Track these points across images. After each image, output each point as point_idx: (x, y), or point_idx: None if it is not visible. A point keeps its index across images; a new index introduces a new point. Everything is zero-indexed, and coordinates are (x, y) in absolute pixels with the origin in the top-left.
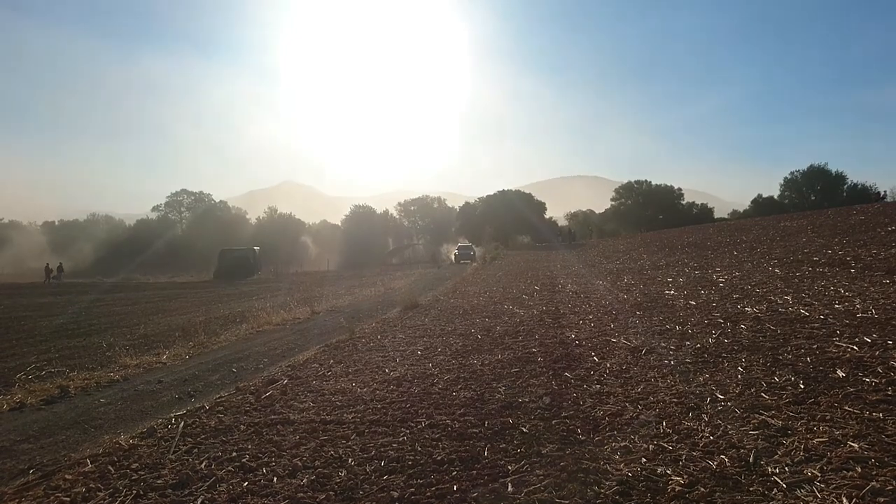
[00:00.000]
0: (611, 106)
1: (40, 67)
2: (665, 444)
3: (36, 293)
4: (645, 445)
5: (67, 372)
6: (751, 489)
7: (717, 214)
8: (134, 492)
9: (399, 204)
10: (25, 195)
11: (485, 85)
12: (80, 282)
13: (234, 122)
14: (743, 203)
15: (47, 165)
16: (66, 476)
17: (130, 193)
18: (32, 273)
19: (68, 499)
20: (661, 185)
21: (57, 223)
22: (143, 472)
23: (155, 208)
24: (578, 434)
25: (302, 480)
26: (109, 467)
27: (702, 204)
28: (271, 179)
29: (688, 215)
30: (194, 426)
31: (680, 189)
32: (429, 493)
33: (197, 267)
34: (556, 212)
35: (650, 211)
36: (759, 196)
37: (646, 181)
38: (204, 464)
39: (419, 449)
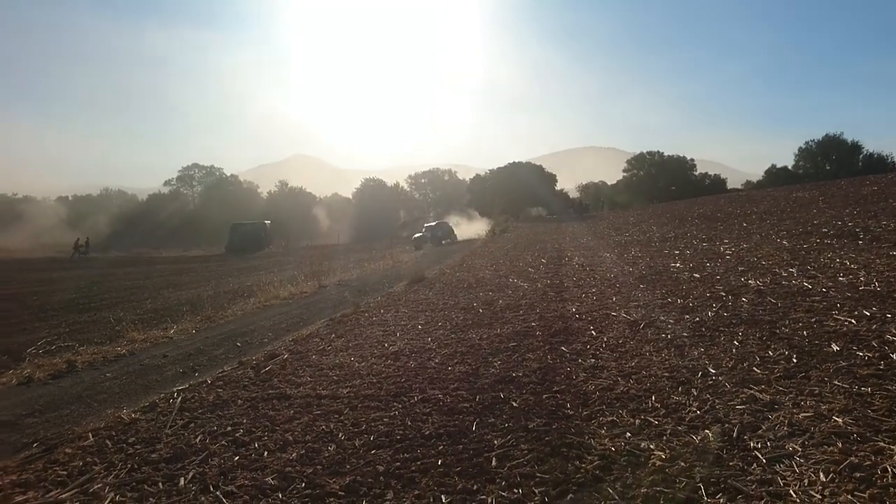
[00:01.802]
0: (625, 75)
1: (46, 43)
2: (651, 419)
3: (51, 267)
4: (632, 420)
5: (76, 346)
6: (731, 464)
7: (730, 185)
8: (129, 465)
9: (410, 177)
10: (37, 171)
11: (497, 54)
12: (103, 256)
13: (245, 95)
14: (757, 174)
15: (58, 141)
16: (67, 450)
17: (142, 168)
18: (47, 248)
19: (66, 472)
20: (673, 155)
21: (71, 198)
22: (139, 447)
23: (167, 182)
24: (567, 408)
25: (292, 455)
26: (108, 441)
27: (715, 175)
28: (282, 153)
29: (700, 186)
30: (193, 401)
31: (693, 160)
32: (413, 468)
33: (209, 241)
34: (568, 183)
35: (663, 182)
36: (773, 166)
37: (658, 152)
38: (199, 438)
39: (409, 423)
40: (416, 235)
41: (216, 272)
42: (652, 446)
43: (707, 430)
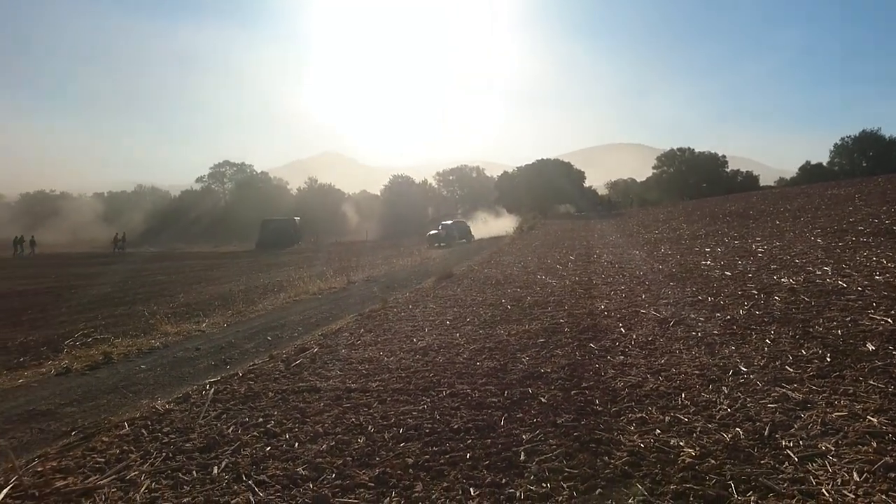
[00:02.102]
0: (654, 70)
1: (81, 46)
2: (681, 416)
3: (87, 262)
4: (661, 417)
5: (112, 339)
6: (762, 462)
7: (763, 182)
8: (164, 454)
9: (438, 174)
10: (73, 168)
11: (525, 52)
12: (138, 251)
13: (275, 93)
14: (791, 170)
15: (93, 139)
16: (104, 438)
17: (175, 165)
18: (84, 243)
19: (103, 460)
20: (704, 152)
21: (106, 195)
22: (173, 436)
23: (199, 179)
24: (596, 405)
25: (322, 446)
26: (143, 430)
27: (747, 172)
28: (312, 150)
29: (732, 183)
30: (225, 392)
31: (724, 156)
32: (442, 461)
33: (239, 236)
34: (596, 180)
35: (693, 179)
36: (808, 163)
37: (689, 148)
38: (231, 429)
39: (438, 417)
40: (431, 233)
41: (247, 267)
42: (681, 443)
43: (738, 428)
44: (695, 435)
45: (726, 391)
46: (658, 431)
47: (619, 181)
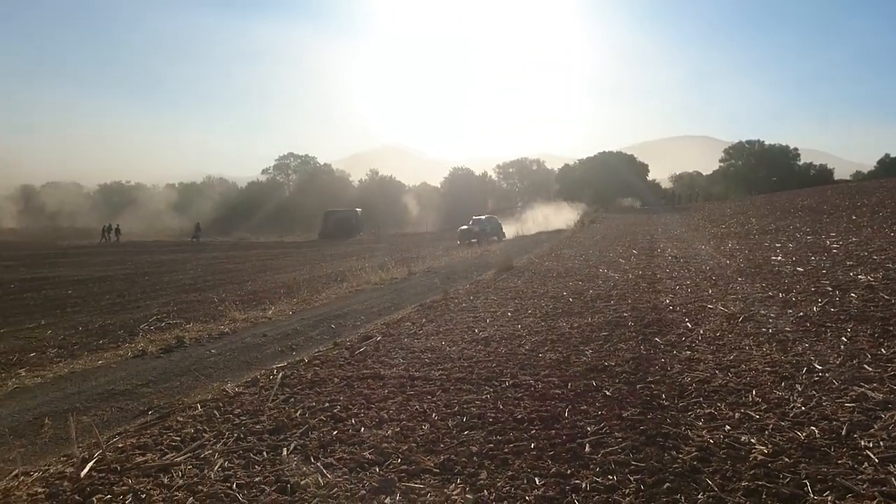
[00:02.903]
0: (722, 61)
1: (156, 39)
2: (752, 413)
3: (160, 250)
4: (731, 413)
5: (183, 324)
6: (839, 462)
7: (837, 176)
8: (235, 435)
9: (498, 166)
10: (148, 160)
11: (587, 43)
12: (215, 241)
13: (338, 88)
14: (868, 164)
15: (166, 132)
16: (179, 418)
17: (241, 157)
18: (158, 232)
19: (179, 438)
20: (775, 144)
21: (177, 185)
22: (244, 418)
23: (265, 171)
24: (662, 399)
25: (387, 432)
26: (215, 412)
27: (820, 165)
28: (373, 142)
29: (804, 177)
30: (292, 377)
31: (796, 149)
32: (506, 450)
33: (303, 227)
34: (661, 174)
35: (763, 172)
36: (887, 156)
37: (758, 141)
38: (299, 412)
39: (501, 407)
40: (463, 228)
41: (310, 257)
42: (753, 440)
43: (813, 427)
44: (767, 432)
45: (800, 389)
46: (728, 428)
47: (683, 174)
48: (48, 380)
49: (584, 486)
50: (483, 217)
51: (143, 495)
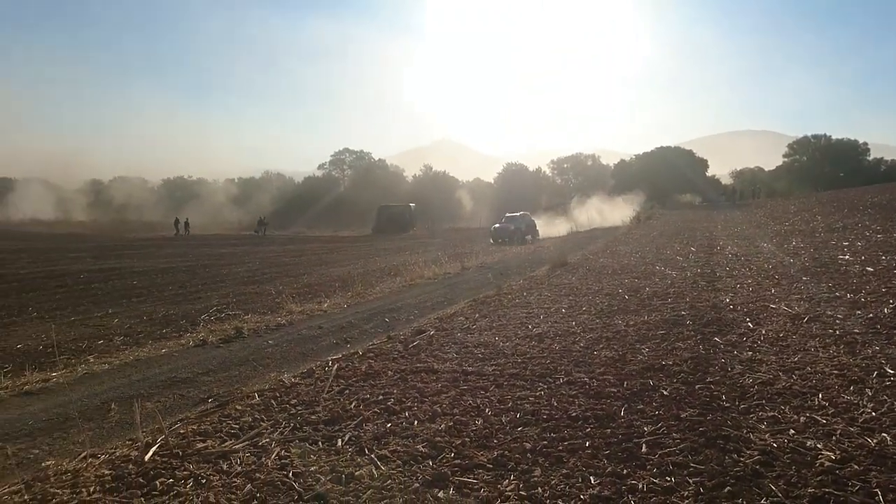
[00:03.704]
0: (784, 52)
1: (219, 38)
2: (818, 417)
3: (221, 243)
4: (795, 417)
5: (242, 315)
6: None
7: None
8: (292, 424)
9: (552, 161)
10: (209, 155)
11: (644, 36)
12: (272, 234)
13: (392, 83)
14: None
15: (226, 128)
16: (237, 407)
17: (297, 152)
18: (220, 225)
19: (237, 426)
20: (842, 139)
21: (236, 180)
22: (300, 408)
23: (320, 166)
24: (723, 400)
25: (441, 426)
26: (272, 401)
27: (892, 160)
28: (426, 138)
29: (874, 173)
30: (346, 370)
31: (866, 143)
32: (561, 448)
33: (357, 222)
34: (720, 169)
35: (828, 168)
36: None
37: (824, 135)
38: (353, 404)
39: (555, 404)
40: (496, 226)
41: (364, 252)
42: (819, 445)
43: (884, 434)
44: (834, 438)
45: (870, 393)
46: (792, 432)
47: (744, 170)
48: (115, 366)
49: (640, 486)
50: (517, 214)
51: (204, 480)
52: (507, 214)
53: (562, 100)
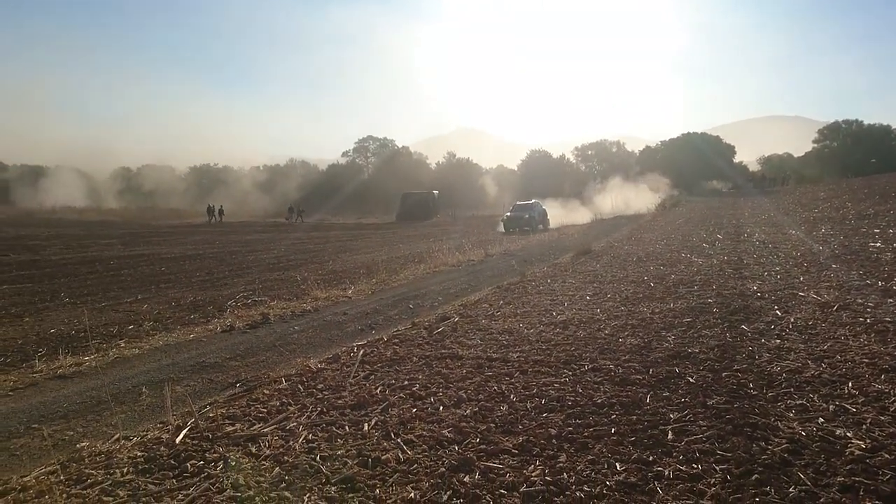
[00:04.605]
0: (816, 37)
1: (243, 27)
2: (848, 406)
3: (244, 230)
4: (824, 405)
5: (268, 301)
6: None
7: None
8: (319, 409)
9: (576, 148)
10: (234, 142)
11: (670, 18)
12: (299, 222)
13: (418, 71)
14: None
15: (251, 115)
16: (265, 391)
17: (321, 140)
18: (244, 213)
19: (265, 410)
20: (874, 124)
21: (261, 167)
22: (327, 393)
23: (344, 154)
24: (750, 388)
25: (466, 411)
26: (299, 386)
27: None
28: (449, 126)
29: None
30: (372, 355)
31: None
32: (586, 434)
33: (381, 209)
34: (748, 156)
35: (860, 154)
36: None
37: (856, 121)
38: (379, 389)
39: (580, 391)
40: (508, 215)
41: (388, 238)
42: (849, 434)
43: None
44: (864, 427)
45: None
46: (821, 420)
47: (773, 156)
48: (145, 351)
49: (666, 473)
50: (530, 202)
51: (233, 463)
52: (518, 203)
53: (588, 87)
